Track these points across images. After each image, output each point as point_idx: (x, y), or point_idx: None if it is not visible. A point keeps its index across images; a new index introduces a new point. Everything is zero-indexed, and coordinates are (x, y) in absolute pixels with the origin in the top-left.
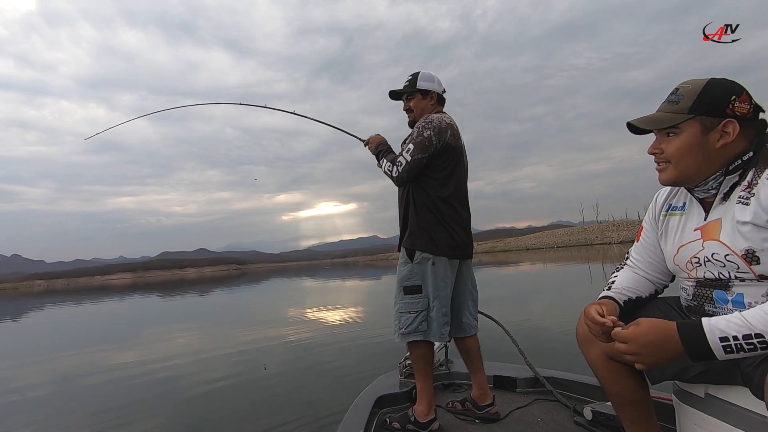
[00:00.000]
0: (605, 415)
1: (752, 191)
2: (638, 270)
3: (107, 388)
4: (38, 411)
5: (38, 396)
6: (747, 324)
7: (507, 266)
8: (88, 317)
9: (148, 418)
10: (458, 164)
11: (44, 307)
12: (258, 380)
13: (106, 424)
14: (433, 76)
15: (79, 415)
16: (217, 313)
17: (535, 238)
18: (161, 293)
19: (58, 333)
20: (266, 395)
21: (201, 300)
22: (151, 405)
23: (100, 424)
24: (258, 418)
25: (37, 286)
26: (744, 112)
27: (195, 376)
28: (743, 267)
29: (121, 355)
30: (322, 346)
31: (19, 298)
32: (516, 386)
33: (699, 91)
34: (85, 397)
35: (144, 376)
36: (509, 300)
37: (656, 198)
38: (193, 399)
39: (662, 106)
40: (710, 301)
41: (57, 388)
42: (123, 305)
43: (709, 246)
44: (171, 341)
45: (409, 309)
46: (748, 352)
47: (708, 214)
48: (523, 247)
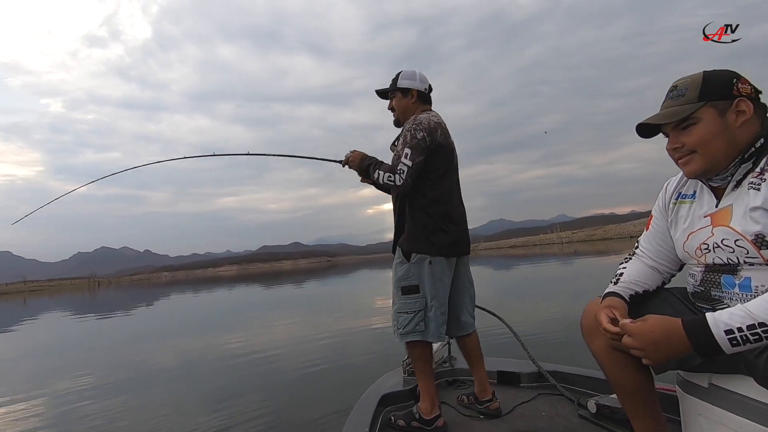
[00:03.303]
0: (610, 408)
1: (764, 177)
2: (647, 259)
3: (220, 367)
4: (170, 383)
5: (169, 371)
6: (750, 314)
7: (608, 256)
8: (205, 305)
9: (251, 393)
10: (450, 163)
11: (170, 295)
12: (348, 366)
13: (222, 394)
14: (415, 73)
15: (201, 388)
16: (313, 302)
17: (640, 224)
18: (263, 284)
19: (181, 319)
20: (354, 377)
21: (298, 291)
22: (255, 383)
23: (217, 394)
24: (344, 399)
25: (163, 277)
26: (749, 92)
27: (292, 360)
28: (753, 252)
29: (231, 339)
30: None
31: (151, 288)
32: (520, 381)
33: (701, 81)
34: (204, 374)
35: (249, 358)
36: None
37: (666, 186)
38: (289, 380)
39: (667, 103)
40: (717, 285)
41: (182, 366)
42: (232, 294)
43: (718, 232)
44: (272, 328)
45: (406, 309)
46: (754, 342)
47: (719, 201)
48: (627, 234)
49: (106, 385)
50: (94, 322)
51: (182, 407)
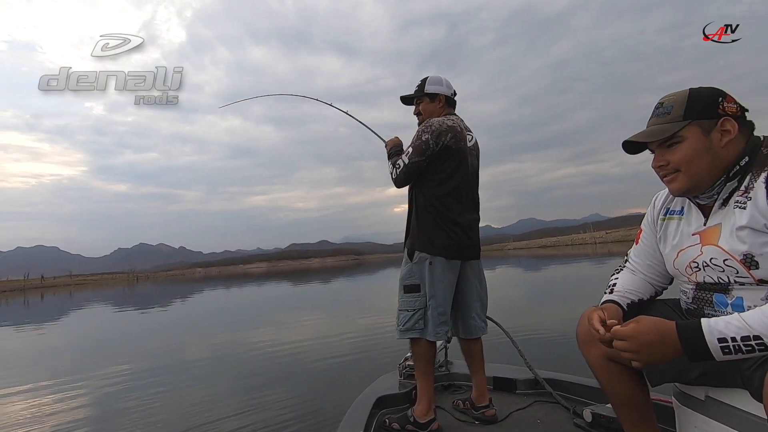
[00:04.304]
0: (605, 417)
1: (749, 195)
2: (638, 273)
3: (250, 359)
4: (203, 372)
5: (203, 362)
6: (746, 326)
7: None
8: (236, 301)
9: (280, 381)
10: (460, 166)
11: (203, 291)
12: (371, 359)
13: (252, 382)
14: (441, 79)
15: (231, 376)
16: (340, 299)
17: None
18: (291, 281)
19: (214, 313)
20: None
21: (325, 288)
22: (281, 374)
23: (247, 382)
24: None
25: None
26: (734, 111)
27: (317, 353)
28: (742, 271)
29: (260, 333)
30: None
31: (186, 283)
32: (516, 388)
33: (686, 99)
34: (234, 364)
35: (277, 351)
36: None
37: (654, 201)
38: (314, 371)
39: (653, 121)
40: (710, 304)
41: (214, 357)
42: (261, 290)
43: (707, 251)
44: (299, 323)
45: (407, 307)
46: (746, 353)
47: (707, 219)
48: None
49: (143, 372)
50: (134, 314)
51: (212, 395)
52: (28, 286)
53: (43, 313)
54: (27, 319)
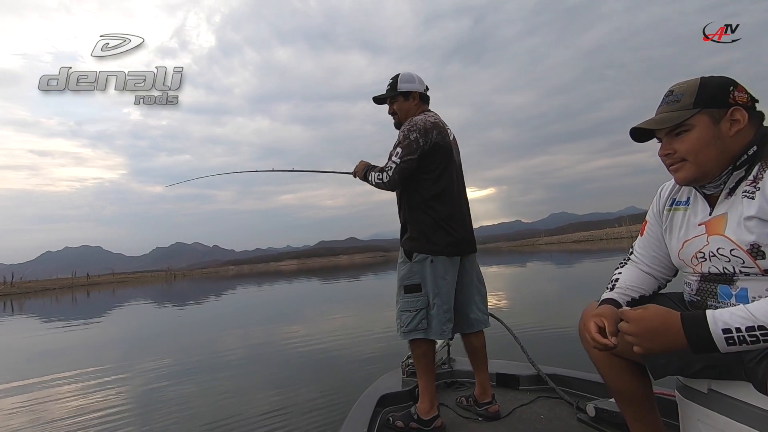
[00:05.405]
0: (608, 411)
1: (757, 185)
2: (642, 265)
3: (280, 353)
4: (239, 366)
5: (237, 355)
6: (751, 316)
7: None
8: (267, 297)
9: (307, 375)
10: (449, 162)
11: (236, 288)
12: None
13: (282, 375)
14: (413, 76)
15: (264, 371)
16: (369, 296)
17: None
18: (320, 278)
19: (246, 310)
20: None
21: (355, 284)
22: (309, 368)
23: (278, 375)
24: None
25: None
26: (744, 101)
27: (345, 350)
28: (748, 262)
29: (291, 329)
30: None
31: (220, 280)
32: (519, 384)
33: (697, 87)
34: (266, 359)
35: (306, 347)
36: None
37: (660, 191)
38: (341, 365)
39: (662, 108)
40: (714, 295)
41: (247, 352)
42: (292, 287)
43: (713, 241)
44: (328, 319)
45: (409, 308)
46: (751, 344)
47: (713, 209)
48: None
49: (180, 365)
50: (174, 311)
51: (245, 388)
52: (75, 284)
53: (92, 309)
54: (75, 314)
